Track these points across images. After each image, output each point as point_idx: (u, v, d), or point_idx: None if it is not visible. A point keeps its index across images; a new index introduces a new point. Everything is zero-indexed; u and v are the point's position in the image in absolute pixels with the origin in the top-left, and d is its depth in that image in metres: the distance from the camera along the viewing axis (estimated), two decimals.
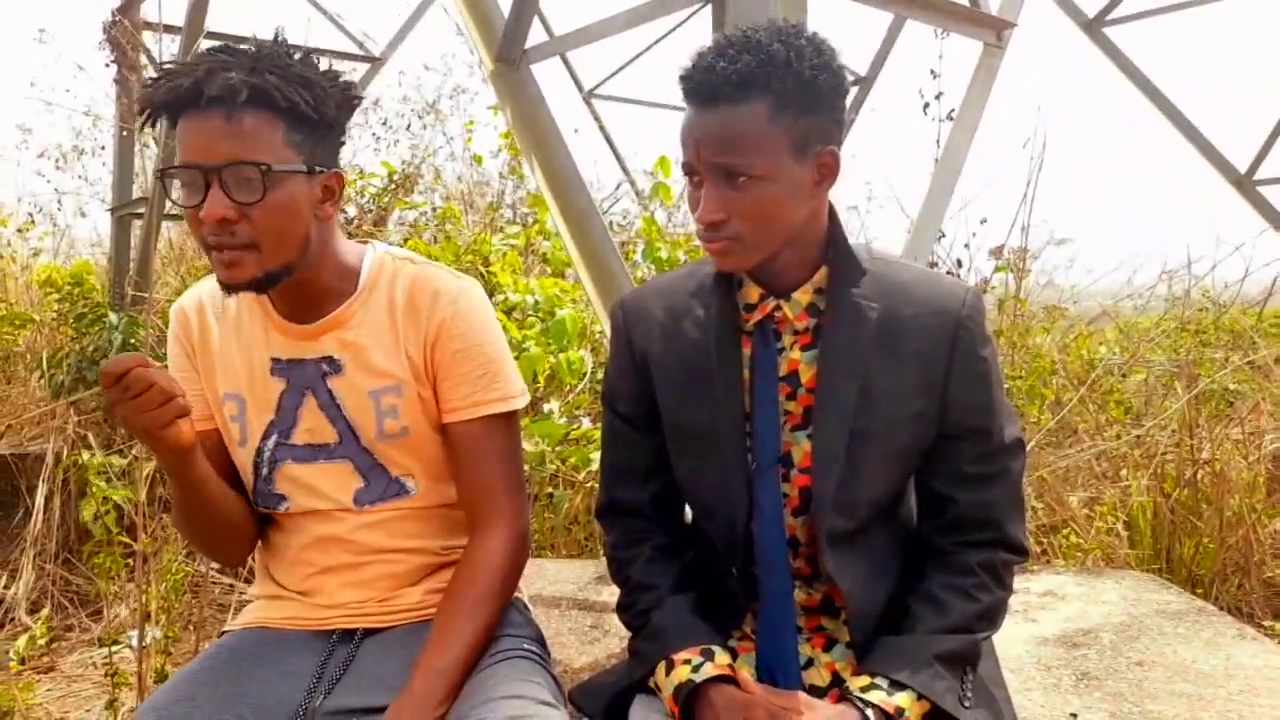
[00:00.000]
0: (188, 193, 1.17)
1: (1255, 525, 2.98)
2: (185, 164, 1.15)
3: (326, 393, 1.33)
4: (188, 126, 1.15)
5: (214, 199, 1.14)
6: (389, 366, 1.32)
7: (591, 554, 3.18)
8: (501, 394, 1.34)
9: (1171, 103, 4.88)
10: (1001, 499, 1.20)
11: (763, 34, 1.08)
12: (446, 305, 1.32)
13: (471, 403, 1.32)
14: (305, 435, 1.34)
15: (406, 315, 1.32)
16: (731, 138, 1.07)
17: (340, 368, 1.32)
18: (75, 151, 6.42)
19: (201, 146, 1.15)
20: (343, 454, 1.34)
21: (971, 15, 2.60)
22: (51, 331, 4.76)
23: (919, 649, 1.12)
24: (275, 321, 1.33)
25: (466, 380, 1.32)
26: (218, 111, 1.14)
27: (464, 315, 1.33)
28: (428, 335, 1.32)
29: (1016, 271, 4.09)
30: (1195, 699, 1.68)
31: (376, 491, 1.35)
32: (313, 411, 1.33)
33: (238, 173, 1.15)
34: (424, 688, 1.18)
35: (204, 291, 1.40)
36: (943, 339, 1.17)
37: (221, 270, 1.19)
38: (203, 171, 1.14)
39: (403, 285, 1.34)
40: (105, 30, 5.28)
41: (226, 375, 1.35)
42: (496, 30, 2.54)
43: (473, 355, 1.32)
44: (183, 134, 1.16)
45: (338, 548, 1.35)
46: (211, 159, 1.14)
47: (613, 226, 5.74)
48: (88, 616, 3.45)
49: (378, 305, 1.33)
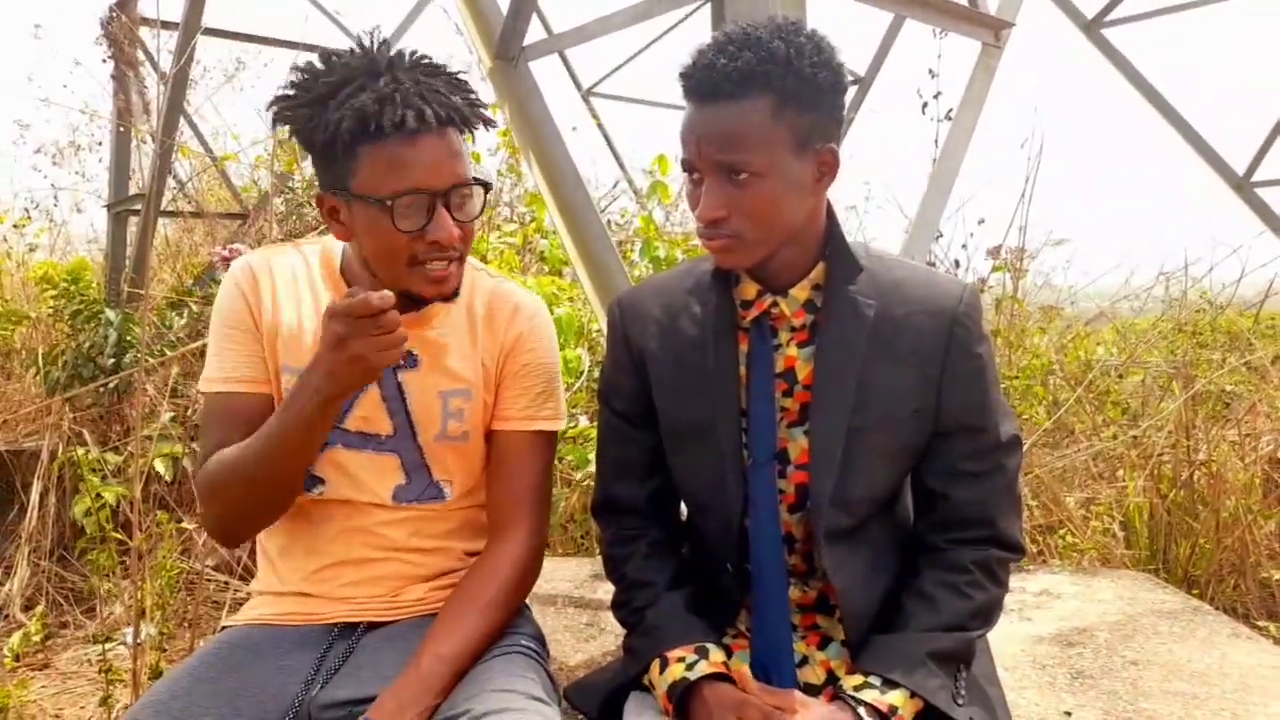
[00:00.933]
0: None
1: (1251, 526, 2.98)
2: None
3: (395, 385, 1.34)
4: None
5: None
6: (464, 370, 1.36)
7: (588, 552, 3.18)
8: (553, 413, 1.41)
9: (1169, 104, 4.88)
10: (996, 496, 1.20)
11: (763, 31, 1.08)
12: (525, 321, 1.40)
13: (527, 416, 1.39)
14: (359, 423, 1.34)
15: (486, 324, 1.38)
16: (733, 134, 1.07)
17: (416, 363, 1.35)
18: (72, 147, 6.42)
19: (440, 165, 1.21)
20: (393, 448, 1.35)
21: (970, 15, 2.60)
22: (47, 328, 4.74)
23: (912, 647, 1.12)
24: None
25: (527, 394, 1.39)
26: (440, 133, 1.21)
27: (538, 333, 1.41)
28: (504, 345, 1.38)
29: (1014, 271, 4.09)
30: (1189, 698, 1.68)
31: (415, 491, 1.37)
32: (372, 400, 1.33)
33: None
34: (429, 672, 1.19)
35: (273, 257, 1.38)
36: (939, 336, 1.17)
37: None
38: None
39: (482, 295, 1.40)
40: (103, 26, 5.27)
41: (290, 348, 1.32)
42: (494, 28, 2.53)
43: (538, 372, 1.40)
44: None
45: (360, 540, 1.35)
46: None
47: (611, 225, 5.74)
48: (83, 613, 3.44)
49: (458, 311, 1.38)
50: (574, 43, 2.45)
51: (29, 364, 4.52)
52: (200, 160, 5.96)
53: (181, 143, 5.45)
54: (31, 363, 4.43)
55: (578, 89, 7.28)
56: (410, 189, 1.18)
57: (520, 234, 4.39)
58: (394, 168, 1.18)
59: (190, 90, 5.37)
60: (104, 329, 4.26)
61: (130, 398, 4.11)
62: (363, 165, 1.18)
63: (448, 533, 1.40)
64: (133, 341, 4.20)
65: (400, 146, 1.17)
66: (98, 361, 4.20)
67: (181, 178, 6.10)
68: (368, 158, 1.18)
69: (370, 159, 1.18)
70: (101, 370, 4.16)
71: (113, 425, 4.22)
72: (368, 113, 1.16)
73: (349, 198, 1.22)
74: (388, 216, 1.19)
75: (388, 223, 1.19)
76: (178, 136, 5.16)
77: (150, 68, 5.45)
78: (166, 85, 4.61)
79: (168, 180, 5.34)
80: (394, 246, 1.21)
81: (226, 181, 6.02)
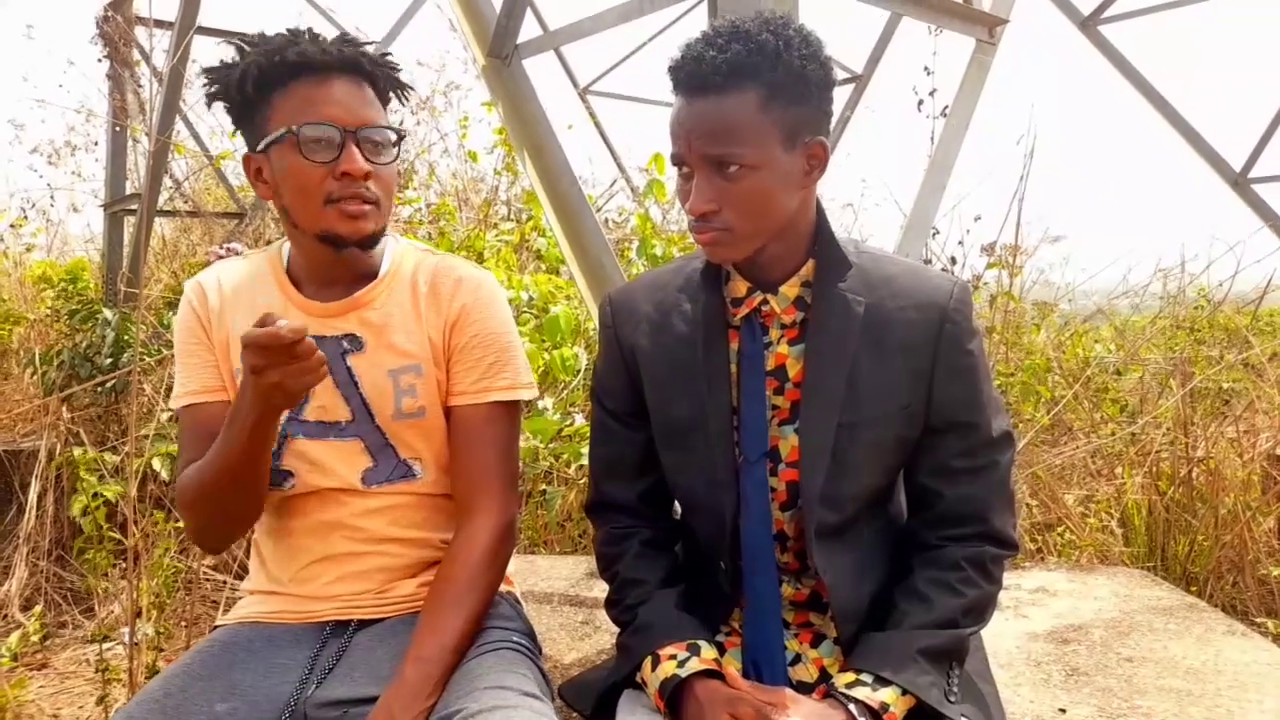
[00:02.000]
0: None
1: (1250, 523, 2.98)
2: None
3: (345, 370, 1.34)
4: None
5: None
6: (410, 347, 1.35)
7: (584, 550, 3.18)
8: (509, 383, 1.38)
9: (1166, 100, 4.88)
10: (988, 493, 1.19)
11: (751, 24, 1.08)
12: (468, 292, 1.38)
13: (479, 388, 1.37)
14: (317, 413, 1.35)
15: (429, 299, 1.38)
16: (722, 127, 1.07)
17: (361, 345, 1.35)
18: (68, 147, 6.41)
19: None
20: (354, 432, 1.35)
21: (964, 12, 2.59)
22: (44, 328, 4.74)
23: (904, 644, 1.12)
24: (294, 299, 1.36)
25: (478, 366, 1.37)
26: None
27: (485, 303, 1.39)
28: (448, 318, 1.37)
29: (1009, 268, 4.09)
30: (1184, 694, 1.68)
31: (384, 472, 1.36)
32: (326, 388, 1.34)
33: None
34: (414, 677, 1.18)
35: (220, 271, 1.42)
36: (929, 332, 1.16)
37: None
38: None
39: (425, 273, 1.40)
40: (98, 25, 5.27)
41: (240, 350, 1.34)
42: (488, 25, 2.53)
43: (487, 342, 1.38)
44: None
45: (338, 535, 1.35)
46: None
47: (607, 223, 5.73)
48: (81, 613, 3.44)
49: (400, 289, 1.38)
50: (568, 40, 2.45)
51: (26, 364, 4.52)
52: (196, 159, 5.96)
53: (177, 142, 5.44)
54: (29, 362, 4.43)
55: (574, 87, 7.27)
56: (318, 120, 1.22)
57: (517, 232, 4.39)
58: (304, 104, 1.23)
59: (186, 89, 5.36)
60: (101, 329, 4.26)
61: (127, 397, 4.10)
62: (276, 111, 1.24)
63: (427, 520, 1.40)
64: (130, 341, 4.20)
65: (310, 88, 1.24)
66: (95, 361, 4.20)
67: (178, 177, 6.10)
68: (281, 101, 1.24)
69: (283, 101, 1.24)
70: (99, 370, 4.16)
71: (110, 425, 4.22)
72: (275, 48, 1.23)
73: (267, 148, 1.26)
74: (297, 149, 1.23)
75: (298, 157, 1.23)
76: (174, 135, 5.15)
77: (146, 67, 5.44)
78: (162, 84, 4.61)
79: (164, 179, 5.33)
80: (308, 183, 1.24)
81: (223, 180, 6.02)
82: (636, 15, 2.17)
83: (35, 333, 4.80)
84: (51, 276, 4.60)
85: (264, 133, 1.26)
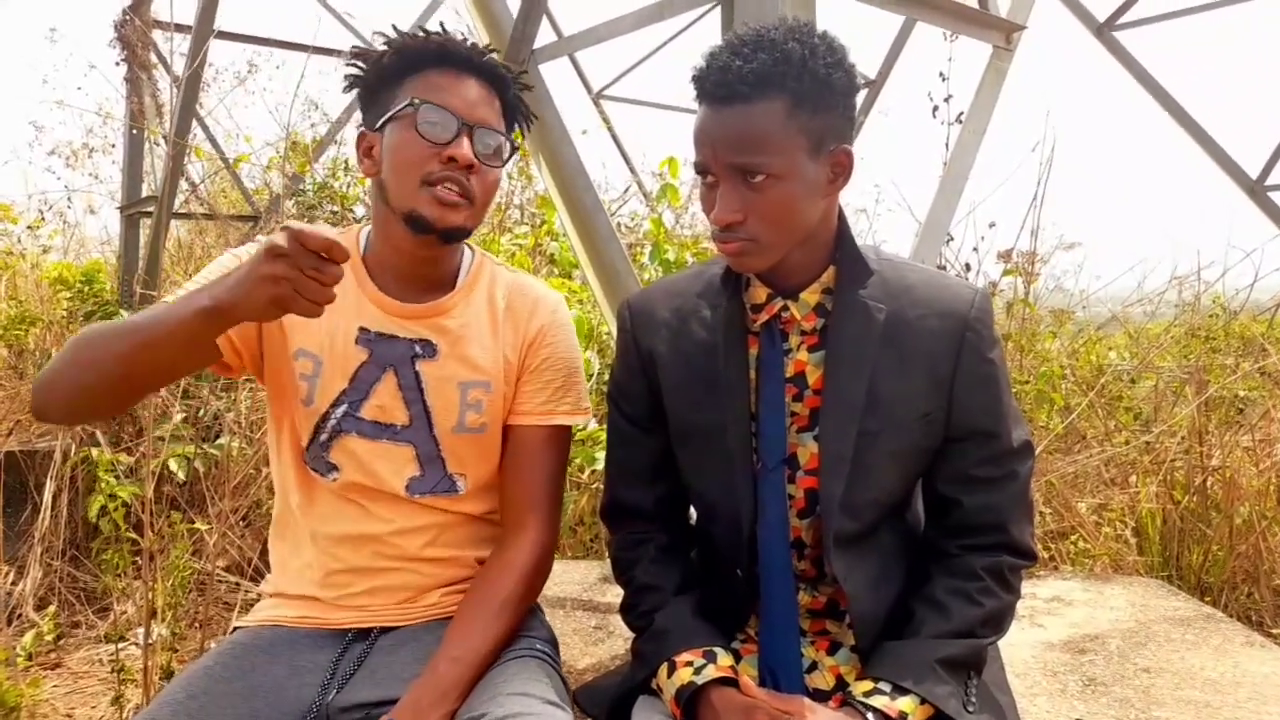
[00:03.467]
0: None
1: (1265, 533, 2.96)
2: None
3: (412, 374, 1.33)
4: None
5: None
6: (484, 362, 1.35)
7: (597, 555, 3.18)
8: (572, 407, 1.40)
9: (1182, 107, 4.85)
10: (1008, 502, 1.19)
11: (777, 33, 1.07)
12: (547, 314, 1.40)
13: (545, 410, 1.38)
14: (375, 412, 1.33)
15: (507, 316, 1.38)
16: (749, 137, 1.06)
17: (435, 352, 1.34)
18: (86, 149, 6.45)
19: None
20: (408, 438, 1.34)
21: (980, 17, 2.59)
22: (61, 329, 4.78)
23: (922, 653, 1.11)
24: (370, 292, 1.34)
25: (547, 388, 1.38)
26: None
27: (560, 326, 1.41)
28: (526, 338, 1.38)
29: (1025, 275, 4.07)
30: (1202, 706, 1.67)
31: (429, 483, 1.36)
32: (389, 389, 1.33)
33: None
34: (446, 675, 1.19)
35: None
36: (949, 341, 1.16)
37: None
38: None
39: (503, 288, 1.40)
40: (116, 29, 5.31)
41: (305, 332, 1.33)
42: (505, 31, 2.53)
43: (558, 366, 1.39)
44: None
45: (370, 549, 1.34)
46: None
47: (621, 228, 5.74)
48: (94, 613, 3.46)
49: (478, 302, 1.38)
50: (583, 45, 2.45)
51: (43, 364, 4.55)
52: (213, 162, 5.99)
53: (194, 145, 5.48)
54: (45, 363, 4.46)
55: (588, 92, 7.29)
56: (440, 103, 1.24)
57: (532, 236, 4.40)
58: (432, 88, 1.25)
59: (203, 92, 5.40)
60: None
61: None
62: (404, 93, 1.26)
63: (464, 540, 1.40)
64: None
65: (442, 77, 1.26)
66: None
67: (194, 179, 6.14)
68: (410, 85, 1.26)
69: (412, 85, 1.26)
70: None
71: (125, 426, 4.24)
72: (420, 40, 1.27)
73: (384, 125, 1.27)
74: (412, 121, 1.24)
75: (411, 129, 1.24)
76: (190, 138, 5.19)
77: (163, 70, 5.48)
78: (179, 87, 4.64)
79: (180, 182, 5.37)
80: (412, 157, 1.24)
81: (238, 183, 6.05)
82: (650, 22, 2.18)
83: (51, 334, 4.83)
84: (68, 278, 4.64)
85: (386, 109, 1.27)
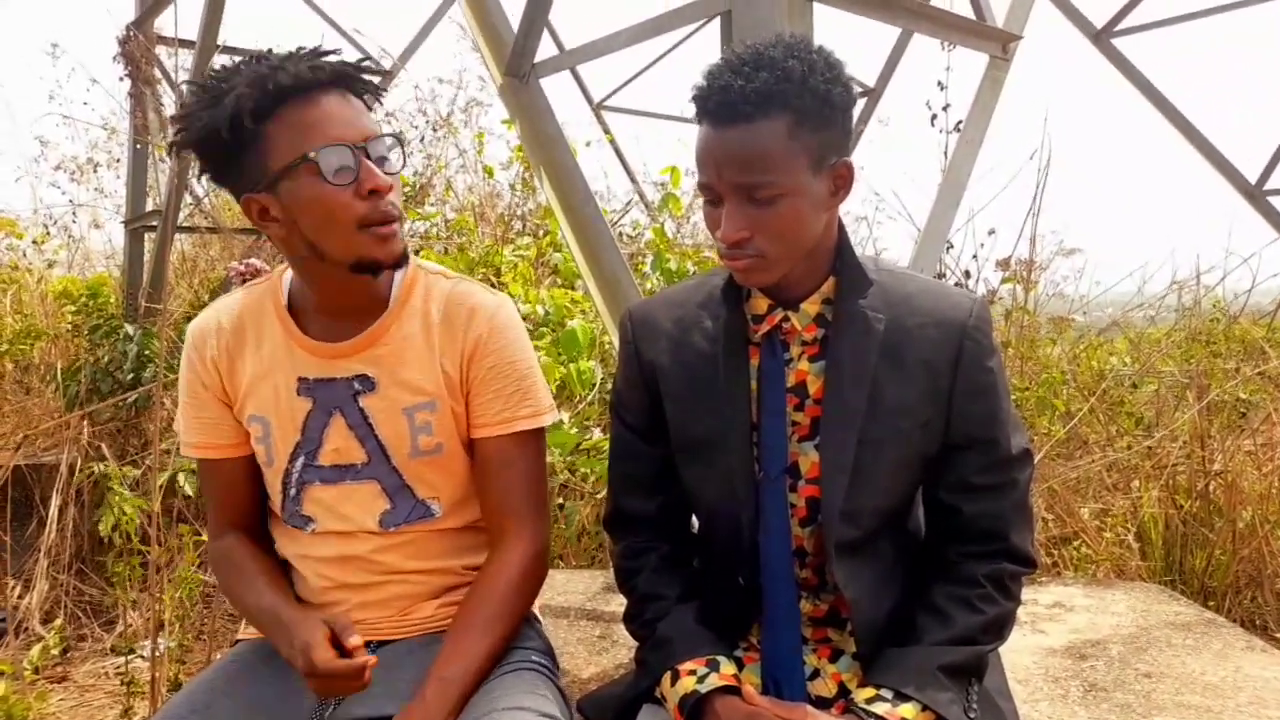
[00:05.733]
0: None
1: (1268, 537, 2.96)
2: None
3: (358, 412, 1.31)
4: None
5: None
6: (423, 383, 1.31)
7: (601, 564, 3.19)
8: (532, 410, 1.35)
9: (1180, 113, 4.87)
10: (1008, 510, 1.20)
11: (775, 50, 1.08)
12: (483, 322, 1.33)
13: (503, 419, 1.33)
14: (332, 456, 1.32)
15: (443, 330, 1.33)
16: (754, 156, 1.06)
17: (373, 385, 1.31)
18: (91, 164, 6.48)
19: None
20: (370, 474, 1.33)
21: (977, 28, 2.61)
22: (66, 343, 4.80)
23: (923, 660, 1.12)
24: (299, 340, 1.32)
25: (500, 396, 1.33)
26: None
27: (500, 331, 1.34)
28: (464, 351, 1.32)
29: (1024, 283, 4.09)
30: (1203, 710, 1.68)
31: (402, 514, 1.34)
32: (340, 431, 1.31)
33: None
34: (434, 696, 1.18)
35: (219, 311, 1.38)
36: (948, 349, 1.17)
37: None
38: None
39: (437, 301, 1.34)
40: (120, 44, 5.34)
41: (254, 397, 1.34)
42: (506, 45, 2.56)
43: (507, 372, 1.34)
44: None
45: (355, 566, 1.35)
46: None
47: (622, 238, 5.76)
48: (100, 626, 3.47)
49: (411, 320, 1.33)
50: (584, 59, 2.48)
51: (48, 379, 4.57)
52: None
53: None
54: (51, 378, 4.48)
55: (589, 103, 7.32)
56: (328, 141, 1.15)
57: (534, 248, 4.43)
58: (304, 129, 1.15)
59: None
60: (122, 344, 4.32)
61: (149, 412, 4.15)
62: (274, 142, 1.15)
63: (447, 550, 1.39)
64: (151, 356, 4.25)
65: (303, 110, 1.15)
66: (117, 376, 4.25)
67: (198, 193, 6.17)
68: (276, 131, 1.15)
69: (278, 131, 1.15)
70: (120, 385, 4.21)
71: (130, 439, 4.26)
72: (260, 78, 1.13)
73: (274, 183, 1.17)
74: (317, 175, 1.15)
75: (319, 183, 1.15)
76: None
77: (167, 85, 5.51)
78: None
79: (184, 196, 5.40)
80: (335, 208, 1.16)
81: None
82: (650, 35, 2.20)
83: (57, 348, 4.85)
84: (73, 292, 4.66)
85: (264, 168, 1.16)
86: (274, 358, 1.33)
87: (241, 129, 1.14)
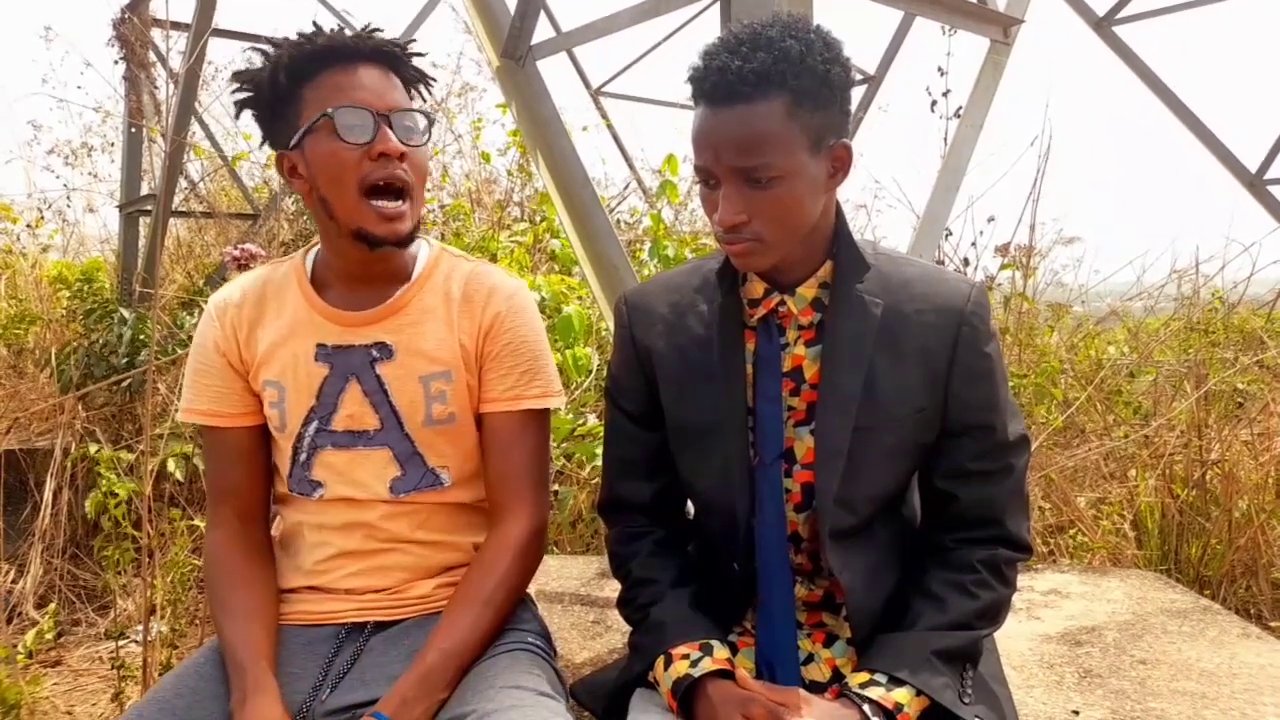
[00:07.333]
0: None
1: (1264, 526, 2.96)
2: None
3: (374, 379, 1.34)
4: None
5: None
6: (441, 353, 1.35)
7: (595, 550, 3.18)
8: (541, 391, 1.39)
9: (1181, 101, 4.85)
10: (1004, 496, 1.19)
11: (773, 30, 1.06)
12: (502, 300, 1.38)
13: (512, 395, 1.37)
14: (345, 421, 1.34)
15: (462, 306, 1.37)
16: (752, 138, 1.05)
17: (391, 353, 1.34)
18: (85, 148, 6.45)
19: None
20: (382, 441, 1.35)
21: (978, 12, 2.59)
22: (60, 328, 4.78)
23: (918, 645, 1.12)
24: (320, 308, 1.35)
25: (512, 373, 1.37)
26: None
27: (517, 312, 1.39)
28: (481, 326, 1.37)
29: (1023, 270, 4.07)
30: (1198, 697, 1.67)
31: (412, 481, 1.36)
32: (355, 398, 1.34)
33: None
34: (434, 665, 1.19)
35: (243, 283, 1.42)
36: (946, 335, 1.16)
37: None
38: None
39: (458, 279, 1.39)
40: (114, 27, 5.30)
41: (270, 363, 1.36)
42: (502, 27, 2.53)
43: (520, 350, 1.38)
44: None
45: (361, 532, 1.36)
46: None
47: (620, 224, 5.74)
48: (94, 611, 3.47)
49: (433, 294, 1.37)
50: (581, 41, 2.45)
51: (42, 363, 4.56)
52: (212, 160, 5.99)
53: (193, 143, 5.48)
54: (45, 362, 4.47)
55: (587, 88, 7.29)
56: (351, 103, 1.22)
57: (531, 233, 4.40)
58: (335, 90, 1.23)
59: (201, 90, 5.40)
60: (117, 328, 4.30)
61: (142, 396, 4.13)
62: (307, 104, 1.24)
63: (453, 525, 1.40)
64: (145, 341, 4.23)
65: (339, 75, 1.24)
66: (110, 360, 4.23)
67: (193, 178, 6.14)
68: (310, 93, 1.24)
69: (312, 92, 1.24)
70: (114, 369, 4.19)
71: (124, 424, 4.25)
72: (302, 42, 1.24)
73: (301, 140, 1.25)
74: (332, 132, 1.22)
75: (334, 140, 1.22)
76: (189, 136, 5.19)
77: (161, 68, 5.48)
78: (177, 86, 4.64)
79: (179, 180, 5.37)
80: (344, 167, 1.23)
81: (238, 181, 6.05)
82: (650, 16, 2.18)
83: (51, 332, 4.84)
84: (67, 276, 4.64)
85: (296, 127, 1.25)
86: (294, 325, 1.36)
87: (280, 87, 1.24)
